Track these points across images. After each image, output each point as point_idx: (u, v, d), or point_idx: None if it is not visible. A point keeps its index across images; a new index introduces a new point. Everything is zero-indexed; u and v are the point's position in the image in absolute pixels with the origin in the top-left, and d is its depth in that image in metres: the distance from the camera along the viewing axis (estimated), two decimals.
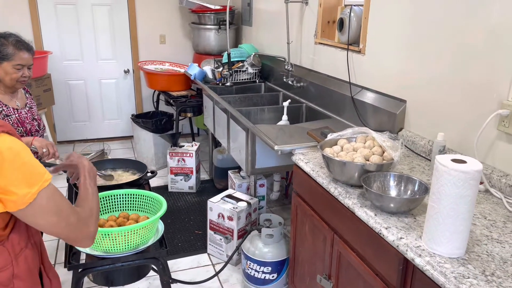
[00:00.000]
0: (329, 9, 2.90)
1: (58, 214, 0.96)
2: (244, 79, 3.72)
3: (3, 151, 0.88)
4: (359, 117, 2.41)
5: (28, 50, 1.95)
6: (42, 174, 0.94)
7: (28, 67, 1.96)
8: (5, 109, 1.93)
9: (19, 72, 1.91)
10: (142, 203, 1.78)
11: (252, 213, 2.62)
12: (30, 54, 1.96)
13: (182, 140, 4.30)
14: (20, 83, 1.94)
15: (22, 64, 1.92)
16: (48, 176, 0.97)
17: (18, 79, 1.92)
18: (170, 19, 4.73)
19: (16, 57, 1.89)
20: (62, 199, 0.99)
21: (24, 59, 1.92)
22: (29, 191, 0.91)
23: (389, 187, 1.53)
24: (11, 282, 0.98)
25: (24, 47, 1.93)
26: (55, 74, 4.47)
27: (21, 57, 1.91)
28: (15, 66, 1.90)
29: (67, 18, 4.41)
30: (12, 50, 1.88)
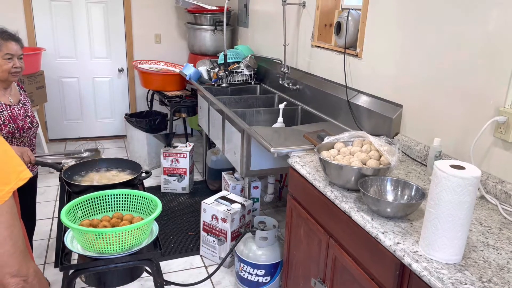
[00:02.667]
0: (326, 12, 2.90)
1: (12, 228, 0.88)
2: (239, 80, 3.71)
3: None
4: (355, 121, 2.41)
5: (15, 40, 1.94)
6: (17, 173, 0.89)
7: (19, 57, 1.95)
8: None
9: (10, 63, 1.90)
10: (136, 204, 1.76)
11: (246, 215, 2.61)
12: (18, 44, 1.95)
13: (175, 141, 4.27)
14: (13, 75, 1.92)
15: (11, 54, 1.90)
16: (26, 175, 0.92)
17: (10, 70, 1.90)
18: (166, 18, 4.70)
19: (3, 47, 1.88)
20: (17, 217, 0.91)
21: (12, 49, 1.91)
22: (3, 188, 0.86)
23: (385, 192, 1.53)
24: None
25: (10, 37, 1.92)
26: (48, 71, 4.42)
27: (9, 47, 1.89)
28: (4, 57, 1.88)
29: (62, 15, 4.37)
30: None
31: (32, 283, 0.92)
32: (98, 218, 1.67)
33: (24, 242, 0.92)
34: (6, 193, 0.87)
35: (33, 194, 2.24)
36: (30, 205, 2.23)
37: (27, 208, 2.19)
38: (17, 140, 1.98)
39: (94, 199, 1.70)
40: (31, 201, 2.24)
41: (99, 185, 1.88)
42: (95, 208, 1.72)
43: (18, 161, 0.92)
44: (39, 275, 0.95)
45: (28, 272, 0.91)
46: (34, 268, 0.94)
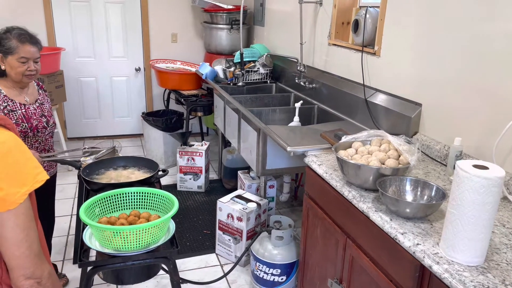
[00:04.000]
0: (343, 10, 2.87)
1: (27, 230, 0.89)
2: (255, 79, 3.71)
3: None
4: (373, 120, 2.38)
5: (33, 43, 1.92)
6: (34, 175, 0.90)
7: (35, 60, 1.93)
8: (10, 104, 1.92)
9: (24, 66, 1.89)
10: (153, 202, 1.77)
11: (262, 214, 2.60)
12: (35, 47, 1.93)
13: (191, 139, 4.30)
14: (27, 77, 1.92)
15: (27, 57, 1.89)
16: (43, 177, 0.92)
17: (24, 72, 1.90)
18: (183, 18, 4.73)
19: (19, 50, 1.87)
20: (34, 219, 0.91)
21: (28, 52, 1.89)
22: (18, 190, 0.86)
23: (405, 192, 1.50)
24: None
25: (28, 40, 1.90)
26: (67, 71, 4.49)
27: (25, 50, 1.88)
28: (19, 60, 1.87)
29: (81, 15, 4.43)
30: (15, 44, 1.86)
31: (46, 285, 0.93)
32: (115, 215, 1.69)
33: (39, 245, 0.93)
34: (22, 195, 0.88)
35: (51, 193, 2.27)
36: (49, 203, 2.27)
37: (45, 206, 2.23)
38: (31, 139, 2.00)
39: (112, 197, 1.71)
40: (50, 199, 2.27)
41: (116, 183, 1.89)
42: (113, 206, 1.73)
43: (35, 163, 0.92)
44: (53, 278, 0.95)
45: (43, 275, 0.92)
46: (49, 270, 0.94)
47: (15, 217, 0.87)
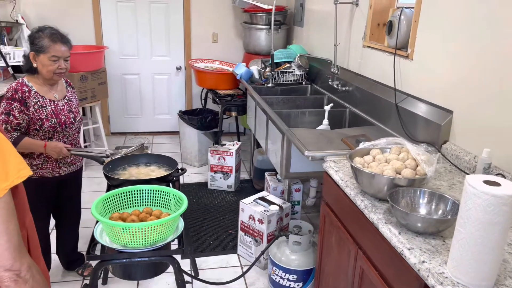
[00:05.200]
0: (380, 11, 2.76)
1: (7, 224, 0.91)
2: (290, 80, 3.67)
3: None
4: (402, 126, 2.27)
5: (64, 43, 2.00)
6: (16, 171, 0.92)
7: (65, 59, 2.02)
8: (40, 100, 2.03)
9: (55, 64, 1.98)
10: (167, 200, 1.79)
11: (284, 217, 2.56)
12: (66, 46, 2.02)
13: (227, 139, 4.33)
14: (57, 75, 2.02)
15: (58, 56, 1.98)
16: (26, 173, 0.94)
17: (55, 71, 1.99)
18: (223, 18, 4.77)
19: (51, 49, 1.96)
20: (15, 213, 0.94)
21: (59, 51, 1.98)
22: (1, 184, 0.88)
23: (418, 205, 1.41)
24: None
25: (59, 39, 1.99)
26: (112, 68, 4.69)
27: (56, 49, 1.97)
28: (51, 58, 1.96)
29: (126, 15, 4.60)
30: (47, 43, 1.95)
31: (25, 278, 0.94)
32: (128, 211, 1.73)
33: (19, 238, 0.95)
34: (2, 190, 0.90)
35: (77, 186, 2.37)
36: (75, 196, 2.36)
37: (72, 199, 2.34)
38: (59, 134, 2.09)
39: (125, 194, 1.75)
40: (76, 192, 2.37)
41: (133, 179, 1.94)
42: (128, 202, 1.77)
43: (18, 160, 0.95)
44: (34, 271, 0.97)
45: (22, 267, 0.94)
46: (28, 263, 0.96)
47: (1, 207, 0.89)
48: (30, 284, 0.96)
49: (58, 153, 2.01)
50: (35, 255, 1.10)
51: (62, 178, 2.17)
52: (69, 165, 2.18)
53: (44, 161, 2.08)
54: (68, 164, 2.17)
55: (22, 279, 0.94)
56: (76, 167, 2.24)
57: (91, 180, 3.74)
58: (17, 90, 1.97)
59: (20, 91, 1.97)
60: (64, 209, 2.32)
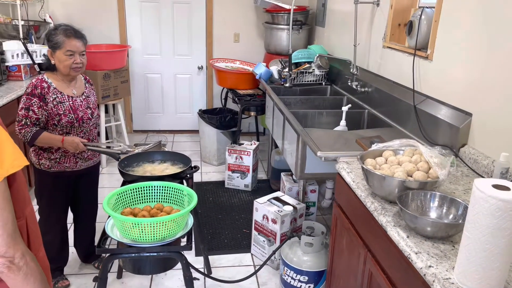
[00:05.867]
0: (401, 11, 2.71)
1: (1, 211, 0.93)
2: (310, 80, 3.64)
3: None
4: (420, 129, 2.22)
5: (77, 38, 2.06)
6: (11, 161, 0.94)
7: (80, 53, 2.07)
8: (59, 96, 2.08)
9: (71, 59, 2.04)
10: (179, 197, 1.81)
11: (298, 218, 2.55)
12: (80, 41, 2.07)
13: (246, 138, 4.34)
14: (74, 70, 2.07)
15: (73, 51, 2.03)
16: (21, 163, 0.96)
17: (71, 65, 2.05)
18: (245, 18, 4.79)
19: (65, 44, 2.02)
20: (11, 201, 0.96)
21: (73, 45, 2.03)
22: None
23: (429, 208, 1.38)
24: None
25: (73, 34, 2.04)
26: (135, 67, 4.78)
27: (71, 44, 2.03)
28: (66, 53, 2.02)
29: (150, 15, 4.68)
30: (61, 38, 2.02)
31: (18, 265, 0.97)
32: (140, 207, 1.75)
33: (14, 225, 0.97)
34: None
35: (94, 181, 2.42)
36: (92, 191, 2.42)
37: (88, 193, 2.39)
38: (76, 129, 2.15)
39: (136, 189, 1.78)
40: (93, 187, 2.42)
41: (147, 175, 1.97)
42: (140, 198, 1.80)
43: (15, 150, 0.97)
44: (28, 258, 1.00)
45: (15, 254, 0.96)
46: (23, 250, 0.98)
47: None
48: (23, 272, 0.98)
49: (75, 148, 2.06)
50: (35, 244, 1.12)
51: (79, 172, 2.23)
52: (86, 160, 2.24)
53: (62, 155, 2.14)
54: (85, 159, 2.22)
55: (15, 266, 0.97)
56: (92, 162, 2.29)
57: (111, 176, 3.82)
58: (36, 86, 2.03)
59: (39, 87, 2.03)
60: (81, 203, 2.38)
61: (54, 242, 2.28)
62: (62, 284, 2.34)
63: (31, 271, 1.01)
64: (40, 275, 1.04)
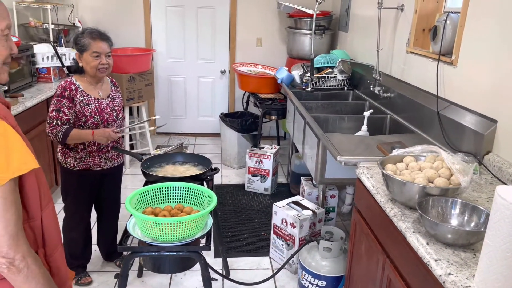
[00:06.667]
0: (425, 16, 2.68)
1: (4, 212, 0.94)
2: (332, 85, 3.64)
3: None
4: (444, 135, 2.19)
5: (103, 39, 2.13)
6: (19, 163, 0.95)
7: (106, 55, 2.14)
8: (86, 98, 2.15)
9: (96, 60, 2.11)
10: (199, 198, 1.84)
11: (317, 223, 2.54)
12: (105, 42, 2.14)
13: (267, 142, 4.36)
14: (100, 71, 2.14)
15: (98, 52, 2.11)
16: (30, 166, 0.97)
17: (97, 66, 2.11)
18: (268, 23, 4.82)
19: (92, 46, 2.10)
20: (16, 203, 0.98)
21: (99, 47, 2.10)
22: None
23: (450, 215, 1.36)
24: None
25: (98, 36, 2.12)
26: (160, 70, 4.87)
27: (96, 46, 2.10)
28: (92, 55, 2.10)
29: (175, 19, 4.76)
30: (87, 41, 2.10)
31: (18, 267, 0.98)
32: (161, 207, 1.79)
33: (17, 227, 0.98)
34: (2, 179, 0.94)
35: (117, 181, 2.48)
36: (115, 190, 2.48)
37: (111, 193, 2.45)
38: None
39: (158, 190, 1.82)
40: (116, 187, 2.48)
41: (168, 176, 2.00)
42: (162, 198, 1.84)
43: (24, 152, 0.99)
44: (30, 261, 1.00)
45: (16, 256, 0.98)
46: (24, 253, 0.99)
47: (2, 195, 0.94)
48: (24, 274, 0.99)
49: (107, 138, 2.12)
50: (52, 244, 1.13)
51: (103, 172, 2.29)
52: (110, 160, 2.30)
53: (87, 155, 2.20)
54: (109, 159, 2.28)
55: (15, 268, 0.98)
56: (116, 162, 2.35)
57: (134, 177, 3.90)
58: (65, 88, 2.11)
59: (68, 89, 2.11)
60: (104, 202, 2.44)
61: (78, 239, 2.35)
62: (84, 281, 2.40)
63: (32, 273, 1.01)
64: (43, 279, 1.04)
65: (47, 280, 1.06)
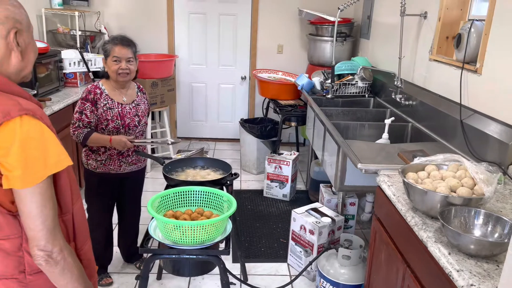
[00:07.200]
0: (449, 24, 2.66)
1: (42, 208, 1.00)
2: (352, 92, 3.62)
3: (17, 131, 0.96)
4: (467, 144, 2.15)
5: (124, 45, 2.17)
6: (55, 161, 1.01)
7: (127, 60, 2.17)
8: (109, 102, 2.21)
9: (116, 65, 2.16)
10: (219, 202, 1.86)
11: (336, 230, 2.53)
12: (127, 48, 2.17)
13: (286, 149, 4.36)
14: (120, 75, 2.18)
15: (119, 57, 2.15)
16: (65, 163, 1.03)
17: (117, 71, 2.16)
18: (289, 29, 4.84)
19: (113, 51, 2.15)
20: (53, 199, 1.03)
21: (119, 52, 2.15)
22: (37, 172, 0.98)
23: (473, 226, 1.34)
24: (19, 251, 1.06)
25: (119, 42, 2.17)
26: (182, 76, 4.94)
27: (116, 51, 2.15)
28: (113, 59, 2.15)
29: (197, 26, 4.83)
30: (110, 46, 2.16)
31: (56, 259, 1.04)
32: (182, 210, 1.81)
33: (54, 222, 1.04)
34: (40, 176, 1.00)
35: (138, 185, 2.53)
36: (136, 194, 2.52)
37: (132, 196, 2.50)
38: (123, 135, 2.24)
39: (179, 193, 1.85)
40: (137, 191, 2.53)
41: (189, 180, 2.03)
42: (182, 201, 1.87)
43: (59, 151, 1.05)
44: (66, 253, 1.06)
45: (53, 249, 1.04)
46: (61, 246, 1.05)
47: (31, 195, 0.99)
48: (61, 266, 1.05)
49: (123, 146, 2.17)
50: (81, 238, 1.19)
51: (124, 176, 2.34)
52: (130, 164, 2.34)
53: (108, 158, 2.26)
54: (129, 164, 2.33)
55: (53, 260, 1.04)
56: (137, 167, 2.39)
57: (155, 180, 3.96)
58: (90, 91, 2.17)
59: (93, 92, 2.17)
60: (125, 205, 2.48)
61: (100, 240, 2.40)
62: (105, 282, 2.44)
63: (68, 266, 1.07)
64: (77, 270, 1.10)
65: (81, 272, 1.11)
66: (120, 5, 4.64)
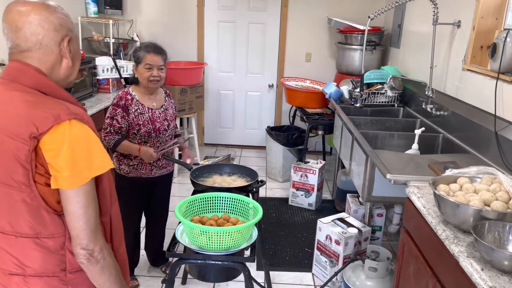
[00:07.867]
0: (484, 33, 2.59)
1: (85, 208, 1.04)
2: (381, 101, 3.57)
3: (67, 134, 1.01)
4: (501, 157, 2.08)
5: (156, 53, 2.22)
6: (99, 164, 1.05)
7: (159, 67, 2.22)
8: (140, 108, 2.26)
9: (148, 72, 2.21)
10: (245, 209, 1.86)
11: (363, 242, 2.48)
12: (159, 56, 2.22)
13: (313, 157, 4.33)
14: (151, 82, 2.23)
15: (151, 64, 2.20)
16: (108, 166, 1.07)
17: (149, 78, 2.21)
18: (318, 38, 4.83)
19: (145, 58, 2.20)
20: (95, 201, 1.08)
21: (152, 59, 2.20)
22: (82, 174, 1.02)
23: (507, 241, 1.30)
24: (62, 249, 1.10)
25: (152, 50, 2.21)
26: (210, 83, 5.01)
27: (149, 58, 2.19)
28: (145, 66, 2.20)
29: (226, 34, 4.89)
30: (142, 54, 2.21)
31: (96, 258, 1.09)
32: (208, 216, 1.83)
33: (96, 222, 1.09)
34: (86, 177, 1.04)
35: (167, 189, 2.57)
36: (164, 198, 2.56)
37: (161, 200, 2.54)
38: (153, 139, 2.30)
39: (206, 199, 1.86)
40: (165, 194, 2.57)
41: (216, 186, 2.05)
42: (209, 207, 1.88)
43: (103, 154, 1.09)
44: (105, 253, 1.11)
45: (95, 248, 1.08)
46: (101, 246, 1.10)
47: (76, 195, 1.04)
48: (100, 264, 1.09)
49: (149, 158, 2.21)
50: (117, 240, 1.23)
51: (154, 180, 2.38)
52: (160, 169, 2.38)
53: (139, 163, 2.31)
54: (159, 168, 2.37)
55: (94, 259, 1.08)
56: (166, 171, 2.43)
57: (182, 185, 4.00)
58: (121, 97, 2.23)
59: (124, 98, 2.23)
60: (154, 208, 2.53)
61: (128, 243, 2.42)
62: (132, 284, 2.48)
63: (107, 265, 1.12)
64: (115, 270, 1.15)
65: (118, 272, 1.16)
66: (152, 14, 4.76)
